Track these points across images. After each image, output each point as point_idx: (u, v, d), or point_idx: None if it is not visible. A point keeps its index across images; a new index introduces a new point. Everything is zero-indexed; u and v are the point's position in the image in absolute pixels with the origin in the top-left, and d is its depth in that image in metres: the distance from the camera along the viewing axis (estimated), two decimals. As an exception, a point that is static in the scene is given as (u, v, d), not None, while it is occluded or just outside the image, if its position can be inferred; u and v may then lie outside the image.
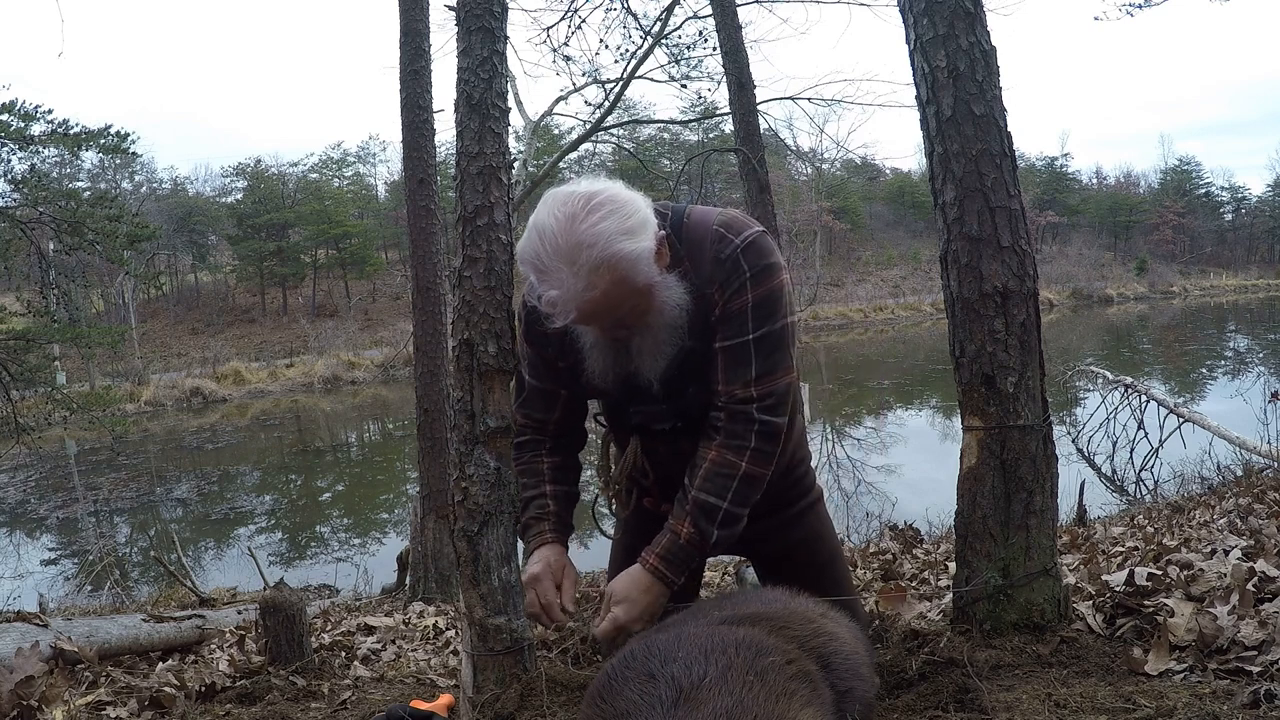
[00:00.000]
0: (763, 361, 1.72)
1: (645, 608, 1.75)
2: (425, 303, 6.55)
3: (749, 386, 1.72)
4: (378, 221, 48.37)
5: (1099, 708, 1.55)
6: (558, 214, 1.57)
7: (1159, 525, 4.43)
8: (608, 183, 1.64)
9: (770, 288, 1.72)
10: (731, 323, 1.71)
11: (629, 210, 1.60)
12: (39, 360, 10.80)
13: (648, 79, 10.40)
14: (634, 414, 1.86)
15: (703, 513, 1.74)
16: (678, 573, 1.77)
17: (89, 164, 37.70)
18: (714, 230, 1.73)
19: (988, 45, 2.06)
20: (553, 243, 1.56)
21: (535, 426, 1.95)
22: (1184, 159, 70.38)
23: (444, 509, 6.11)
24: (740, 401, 1.73)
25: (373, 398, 26.19)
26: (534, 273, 1.61)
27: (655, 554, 1.77)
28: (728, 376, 1.73)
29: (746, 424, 1.73)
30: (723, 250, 1.70)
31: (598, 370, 1.77)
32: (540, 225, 1.58)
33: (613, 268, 1.56)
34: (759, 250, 1.71)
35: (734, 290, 1.70)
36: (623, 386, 1.80)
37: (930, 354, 25.50)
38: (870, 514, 8.13)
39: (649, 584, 1.75)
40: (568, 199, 1.59)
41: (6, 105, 8.78)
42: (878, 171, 57.81)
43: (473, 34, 1.90)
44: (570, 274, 1.55)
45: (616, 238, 1.56)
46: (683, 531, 1.75)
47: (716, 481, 1.74)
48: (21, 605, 6.47)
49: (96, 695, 2.55)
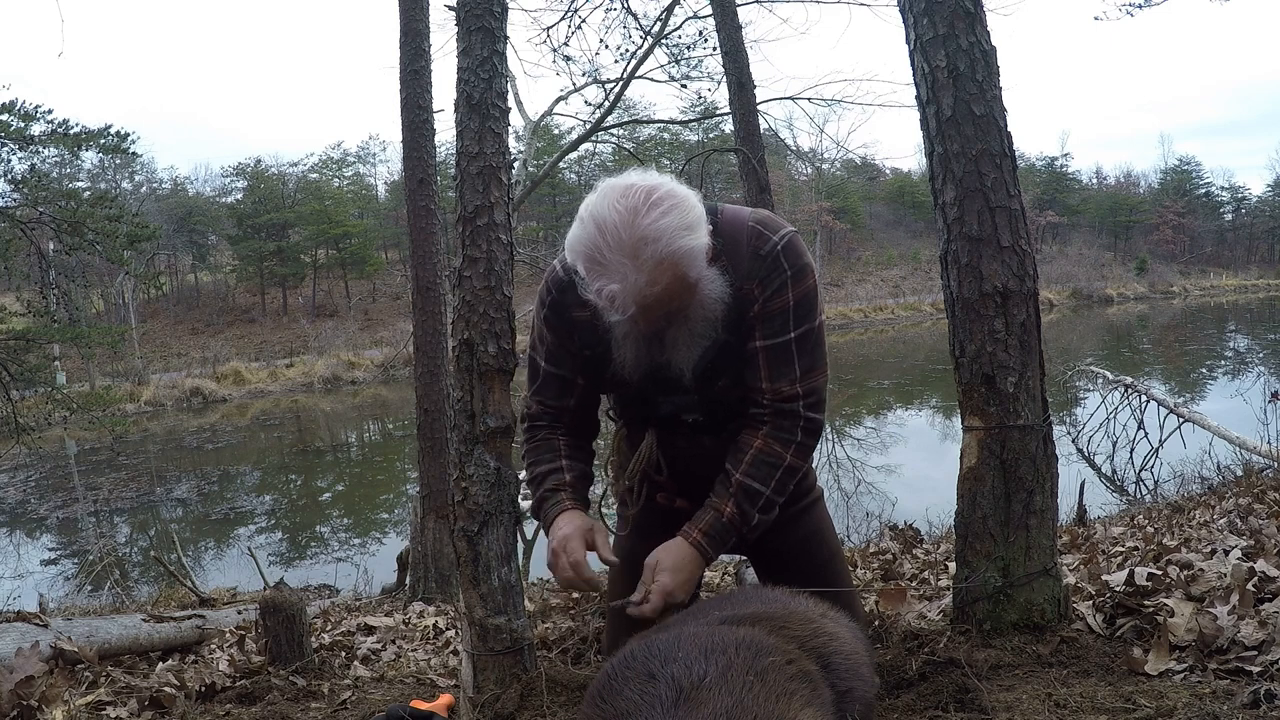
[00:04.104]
0: (805, 359, 1.76)
1: (689, 578, 1.77)
2: (425, 303, 6.55)
3: (794, 384, 1.75)
4: (378, 221, 48.35)
5: (1099, 708, 1.55)
6: (619, 207, 1.55)
7: (1159, 525, 4.43)
8: (660, 177, 1.65)
9: (808, 287, 1.75)
10: (772, 321, 1.74)
11: (687, 206, 1.60)
12: (39, 360, 10.82)
13: (648, 79, 10.42)
14: (664, 404, 1.86)
15: (746, 496, 1.76)
16: (716, 548, 1.79)
17: (89, 164, 37.76)
18: (750, 227, 1.75)
19: (988, 45, 2.06)
20: (615, 236, 1.54)
21: (551, 413, 1.94)
22: (1184, 159, 70.48)
23: (444, 509, 6.11)
24: (786, 399, 1.76)
25: (373, 398, 26.19)
26: (589, 265, 1.58)
27: (699, 529, 1.79)
28: (772, 374, 1.75)
29: (793, 420, 1.77)
30: (762, 247, 1.72)
31: (629, 361, 1.77)
32: (600, 217, 1.56)
33: (675, 264, 1.56)
34: (797, 250, 1.75)
35: (775, 289, 1.72)
36: (651, 378, 1.81)
37: (930, 354, 25.50)
38: (870, 514, 8.11)
39: (692, 556, 1.77)
40: (628, 191, 1.58)
41: (6, 105, 8.79)
42: (878, 171, 57.87)
43: (473, 34, 1.90)
44: (633, 268, 1.54)
45: (680, 233, 1.56)
46: (726, 511, 1.77)
47: (761, 469, 1.76)
48: (21, 605, 6.47)
49: (96, 695, 2.55)
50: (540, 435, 1.94)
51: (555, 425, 1.94)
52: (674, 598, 1.74)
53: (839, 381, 22.11)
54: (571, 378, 1.89)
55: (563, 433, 1.94)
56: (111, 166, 40.58)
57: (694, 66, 10.29)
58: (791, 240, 1.74)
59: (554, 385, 1.91)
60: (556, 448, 1.93)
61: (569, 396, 1.91)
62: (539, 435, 1.94)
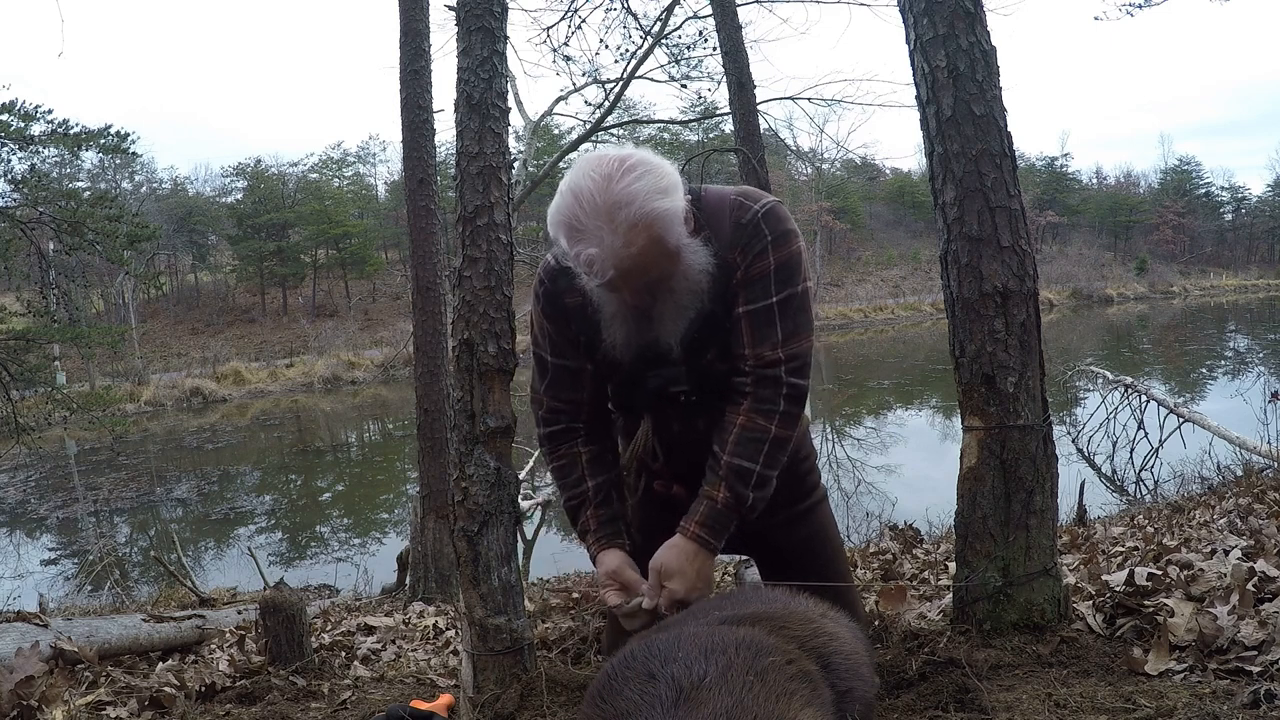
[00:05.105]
0: (788, 323, 1.76)
1: (697, 576, 1.77)
2: (425, 303, 6.55)
3: (776, 349, 1.76)
4: (378, 221, 48.35)
5: (1099, 708, 1.55)
6: (594, 175, 1.61)
7: (1159, 525, 4.43)
8: (634, 148, 1.69)
9: (790, 252, 1.77)
10: (754, 287, 1.75)
11: (661, 172, 1.65)
12: (39, 360, 10.82)
13: (648, 79, 10.41)
14: (652, 378, 1.86)
15: (737, 476, 1.76)
16: (718, 537, 1.78)
17: (89, 164, 37.75)
18: (732, 199, 1.78)
19: (988, 45, 2.06)
20: (590, 202, 1.59)
21: (569, 410, 1.92)
22: (1184, 159, 70.43)
23: (444, 509, 6.10)
24: (768, 364, 1.76)
25: (373, 398, 26.19)
26: (568, 233, 1.62)
27: (695, 521, 1.78)
28: (755, 339, 1.76)
29: (775, 387, 1.77)
30: (743, 216, 1.75)
31: (618, 341, 1.79)
32: (576, 186, 1.61)
33: (650, 225, 1.60)
34: (778, 216, 1.77)
35: (756, 254, 1.74)
36: (640, 357, 1.82)
37: (930, 354, 25.49)
38: (870, 514, 8.11)
39: (694, 551, 1.77)
40: (600, 161, 1.63)
41: (6, 105, 8.80)
42: (878, 171, 57.87)
43: (473, 34, 1.90)
44: (609, 231, 1.58)
45: (653, 195, 1.60)
46: (719, 497, 1.77)
47: (748, 446, 1.76)
48: (21, 605, 6.47)
49: (96, 695, 2.55)
50: (561, 450, 1.93)
51: (574, 428, 1.92)
52: (688, 600, 1.74)
53: (839, 381, 22.13)
54: (579, 367, 1.89)
55: (582, 438, 1.92)
56: (111, 166, 40.59)
57: (694, 66, 10.31)
58: (773, 208, 1.77)
59: (565, 379, 1.90)
60: (579, 464, 1.91)
61: (581, 389, 1.91)
62: (560, 450, 1.93)
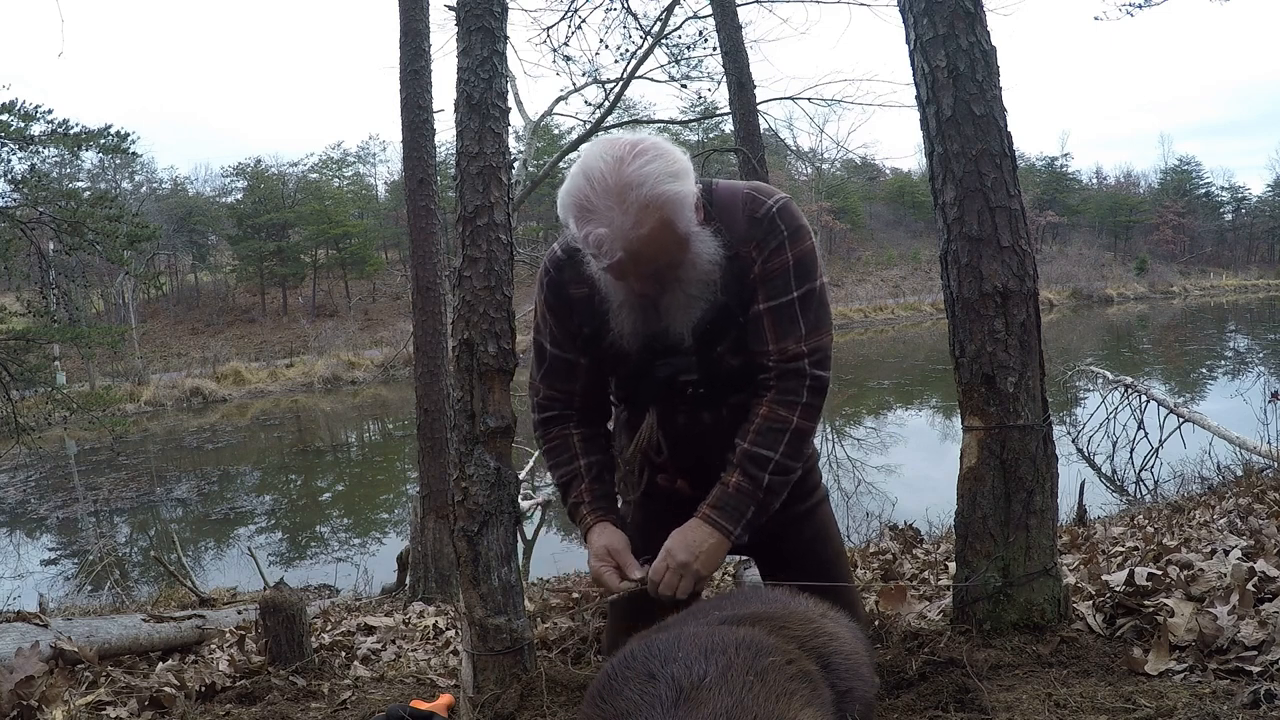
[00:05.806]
0: (809, 317, 1.79)
1: (707, 553, 1.77)
2: (425, 303, 6.55)
3: (800, 343, 1.78)
4: (378, 221, 48.35)
5: (1099, 708, 1.55)
6: (606, 157, 1.63)
7: (1159, 525, 4.42)
8: (647, 134, 1.72)
9: (805, 247, 1.79)
10: (774, 283, 1.77)
11: (672, 157, 1.67)
12: (39, 360, 10.82)
13: (648, 79, 10.41)
14: (661, 368, 1.87)
15: (752, 461, 1.77)
16: (730, 521, 1.78)
17: (89, 164, 37.77)
18: (745, 194, 1.80)
19: (988, 45, 2.06)
20: (601, 183, 1.61)
21: (562, 399, 1.96)
22: (1184, 159, 70.46)
23: (444, 509, 6.10)
24: (792, 358, 1.78)
25: (373, 398, 26.19)
26: (578, 213, 1.65)
27: (707, 505, 1.80)
28: (778, 334, 1.78)
29: (799, 380, 1.78)
30: (757, 210, 1.77)
31: (626, 330, 1.80)
32: (588, 168, 1.64)
33: (660, 207, 1.62)
34: (792, 212, 1.79)
35: (773, 249, 1.76)
36: (648, 347, 1.83)
37: (930, 354, 25.49)
38: (870, 514, 8.11)
39: (705, 531, 1.78)
40: (613, 144, 1.66)
41: (6, 105, 8.79)
42: (878, 171, 57.88)
43: (473, 34, 1.90)
44: (620, 211, 1.60)
45: (664, 178, 1.62)
46: (730, 481, 1.78)
47: (768, 435, 1.78)
48: (21, 605, 6.47)
49: (96, 695, 2.55)
50: (554, 432, 1.97)
51: (566, 414, 1.96)
52: (691, 570, 1.74)
53: (839, 381, 22.10)
54: (575, 359, 1.92)
55: (574, 423, 1.96)
56: (111, 166, 40.61)
57: (694, 66, 10.30)
58: (786, 204, 1.79)
59: (560, 369, 1.94)
60: (571, 444, 1.95)
61: (575, 380, 1.94)
62: (552, 431, 1.97)
